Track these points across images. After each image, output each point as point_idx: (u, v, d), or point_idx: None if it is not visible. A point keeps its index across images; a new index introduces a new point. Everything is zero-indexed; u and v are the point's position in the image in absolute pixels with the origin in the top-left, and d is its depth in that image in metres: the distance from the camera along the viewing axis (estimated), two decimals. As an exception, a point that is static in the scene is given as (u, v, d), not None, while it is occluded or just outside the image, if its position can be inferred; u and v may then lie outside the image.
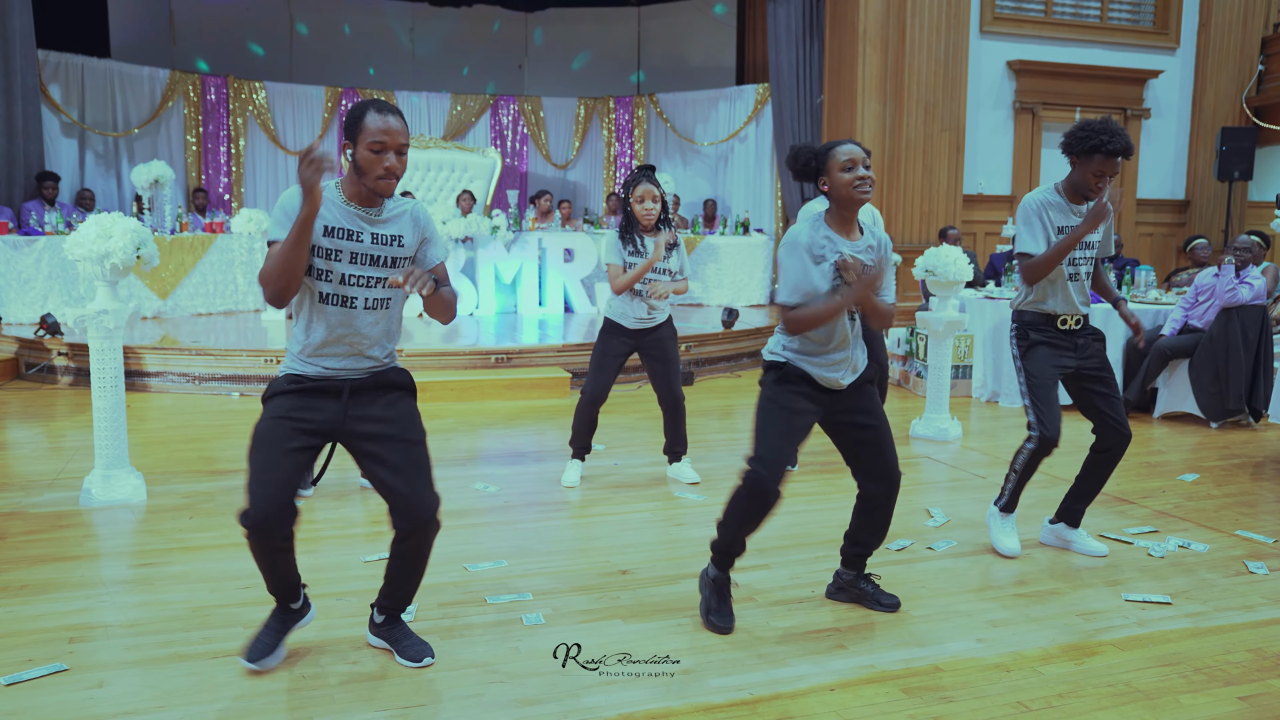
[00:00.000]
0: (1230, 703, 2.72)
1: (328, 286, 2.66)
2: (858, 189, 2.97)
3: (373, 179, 2.59)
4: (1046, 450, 3.75)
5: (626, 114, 14.23)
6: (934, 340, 6.15)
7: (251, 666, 2.78)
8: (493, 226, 10.03)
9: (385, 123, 2.57)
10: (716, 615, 3.16)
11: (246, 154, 12.93)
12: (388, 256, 2.69)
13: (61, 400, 6.99)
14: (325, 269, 2.64)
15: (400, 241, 2.71)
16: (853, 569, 3.37)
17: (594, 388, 4.70)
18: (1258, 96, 11.32)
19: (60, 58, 11.17)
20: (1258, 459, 5.63)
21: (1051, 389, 3.73)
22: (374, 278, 2.68)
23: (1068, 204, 3.69)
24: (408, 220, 2.73)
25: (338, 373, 2.70)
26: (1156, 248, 11.51)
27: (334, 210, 2.64)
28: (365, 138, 2.56)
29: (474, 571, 3.62)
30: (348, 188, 2.67)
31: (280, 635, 2.87)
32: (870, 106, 10.42)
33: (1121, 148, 3.50)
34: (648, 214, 4.61)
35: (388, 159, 2.58)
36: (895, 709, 2.67)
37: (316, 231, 2.61)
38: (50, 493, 4.64)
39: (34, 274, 8.65)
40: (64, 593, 3.40)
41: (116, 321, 4.41)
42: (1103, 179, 3.56)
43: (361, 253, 2.66)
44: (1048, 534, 4.07)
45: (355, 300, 2.67)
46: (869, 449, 3.16)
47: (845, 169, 2.98)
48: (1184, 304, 6.75)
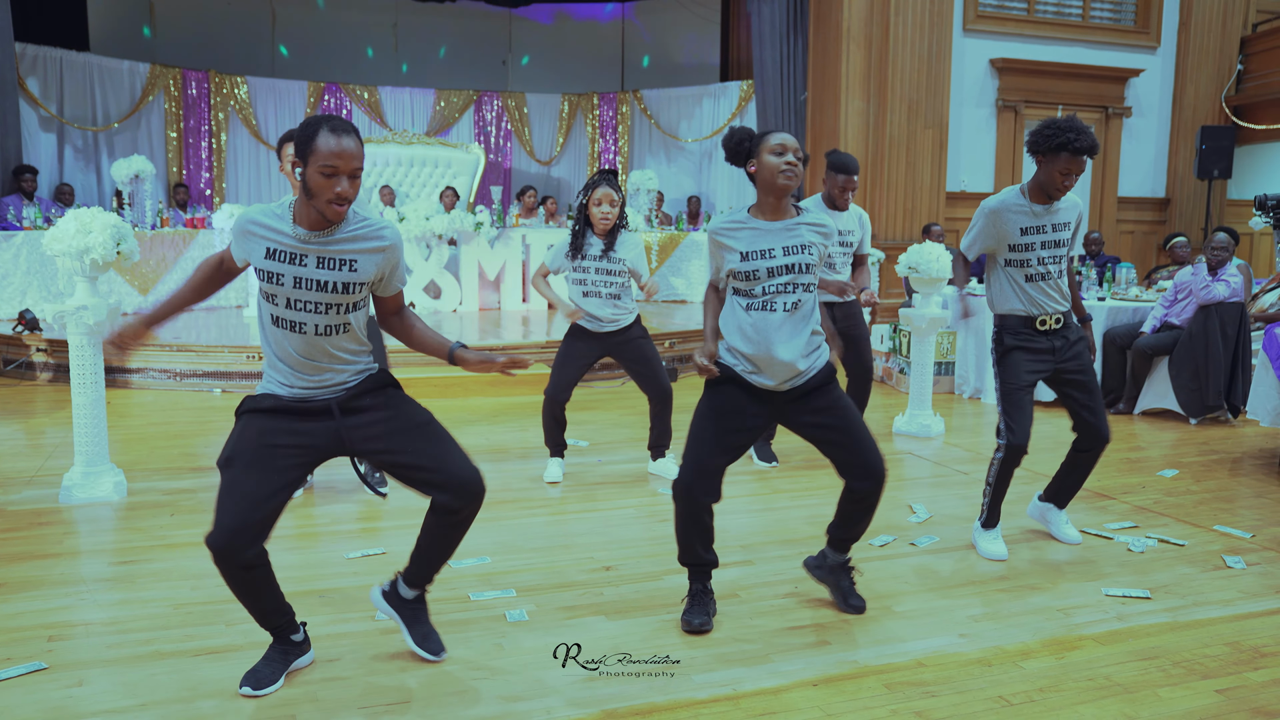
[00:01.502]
0: (1208, 695, 2.75)
1: (276, 310, 2.57)
2: (783, 174, 2.98)
3: (323, 203, 2.45)
4: (1015, 458, 3.75)
5: (610, 110, 14.21)
6: (917, 337, 6.18)
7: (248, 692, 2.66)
8: (476, 223, 10.00)
9: (339, 145, 2.42)
10: (686, 614, 3.14)
11: (228, 149, 12.85)
12: (335, 282, 2.54)
13: (40, 397, 6.93)
14: (270, 293, 2.55)
15: (353, 266, 2.56)
16: (841, 553, 3.32)
17: (553, 388, 4.72)
18: (1237, 96, 11.42)
19: (38, 50, 11.06)
20: (1236, 455, 5.69)
21: (1023, 396, 3.71)
22: (320, 303, 2.54)
23: (1030, 204, 3.67)
24: (369, 246, 2.58)
25: (316, 393, 2.61)
26: (1137, 245, 11.59)
27: (278, 233, 2.53)
28: (316, 160, 2.41)
29: (457, 568, 3.62)
30: (298, 208, 2.53)
31: (281, 667, 2.72)
32: (854, 104, 10.45)
33: (1087, 146, 3.49)
34: (604, 217, 4.61)
35: (339, 184, 2.43)
36: (877, 704, 2.68)
37: (258, 254, 2.54)
38: (29, 490, 4.60)
39: (12, 269, 8.57)
40: (43, 590, 3.38)
41: (96, 317, 4.37)
42: (1069, 177, 3.55)
43: (305, 278, 2.53)
44: (1034, 509, 4.13)
45: (304, 325, 2.56)
46: (837, 449, 3.10)
47: (775, 153, 2.99)
48: (1164, 302, 6.80)
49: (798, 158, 3.00)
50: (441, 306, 10.02)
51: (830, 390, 3.11)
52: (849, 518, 3.23)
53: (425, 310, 9.88)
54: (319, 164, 2.42)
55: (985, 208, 3.72)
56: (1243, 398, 6.31)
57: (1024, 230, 3.66)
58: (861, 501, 3.16)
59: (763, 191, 3.04)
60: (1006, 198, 3.71)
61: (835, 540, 3.32)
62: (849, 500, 3.20)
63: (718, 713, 2.62)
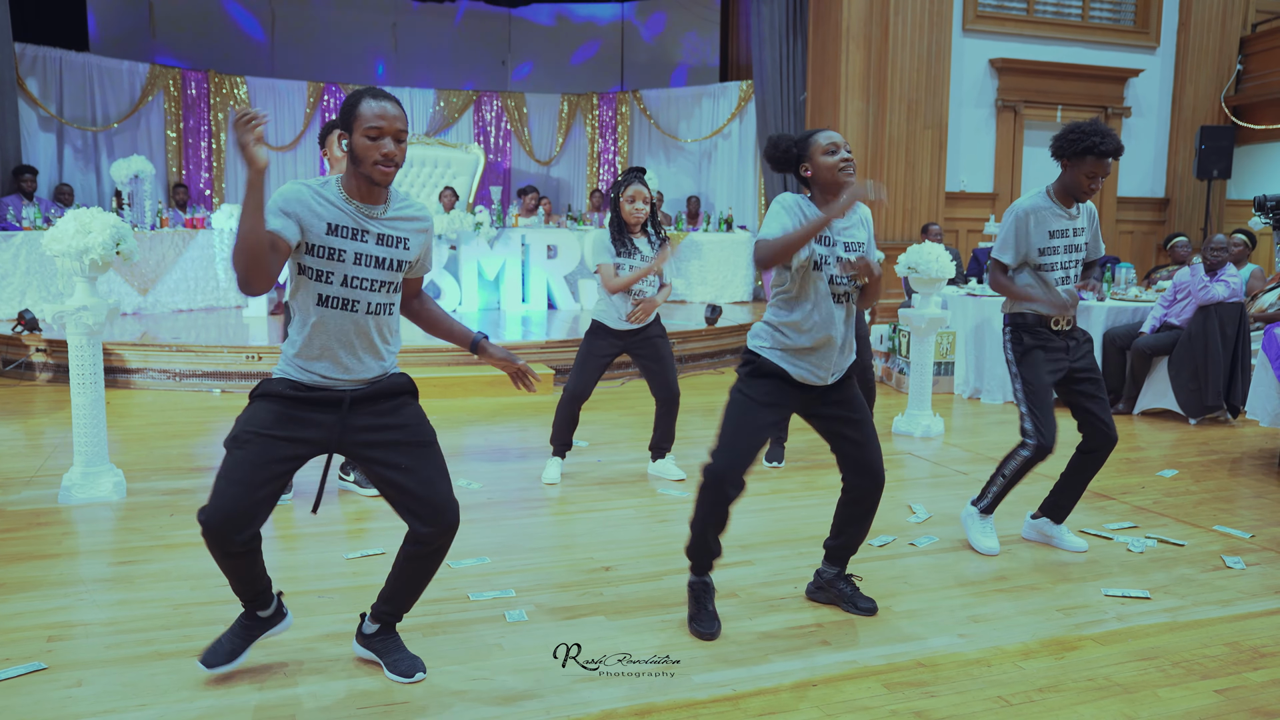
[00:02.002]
0: (1207, 696, 2.75)
1: (328, 289, 2.53)
2: (843, 171, 2.98)
3: (369, 165, 2.47)
4: (1041, 458, 3.75)
5: (610, 111, 14.21)
6: (916, 337, 6.18)
7: (204, 669, 2.69)
8: (476, 223, 10.00)
9: (381, 108, 2.47)
10: (696, 622, 3.12)
11: (228, 149, 12.83)
12: (393, 259, 2.58)
13: (40, 397, 6.92)
14: (327, 270, 2.52)
15: (405, 244, 2.61)
16: (835, 565, 3.34)
17: (575, 385, 4.71)
18: (1236, 96, 11.42)
19: (38, 51, 11.05)
20: (1235, 455, 5.69)
21: (1048, 396, 3.72)
22: (378, 280, 2.57)
23: (1060, 208, 3.69)
24: (416, 227, 2.64)
25: (336, 382, 2.58)
26: (1137, 245, 11.59)
27: (335, 208, 2.52)
28: (361, 123, 2.46)
29: (457, 568, 3.62)
30: (348, 184, 2.55)
31: (243, 642, 2.76)
32: (853, 104, 10.45)
33: (1113, 148, 3.52)
34: (637, 214, 4.64)
35: (385, 145, 2.46)
36: (877, 704, 2.68)
37: (319, 229, 2.50)
38: (29, 490, 4.60)
39: (11, 269, 8.57)
40: (42, 591, 3.38)
41: (96, 318, 4.36)
42: (1095, 180, 3.57)
43: (366, 253, 2.54)
44: (1029, 529, 4.09)
45: (358, 304, 2.55)
46: (850, 444, 3.14)
47: (829, 152, 3.00)
48: (1163, 302, 6.80)
49: (849, 151, 3.02)
50: (442, 306, 10.00)
51: (852, 384, 3.17)
52: (848, 521, 3.24)
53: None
54: (364, 127, 2.46)
55: (1018, 209, 3.71)
56: (1242, 398, 6.31)
57: (1052, 234, 3.68)
58: (861, 502, 3.18)
59: (823, 191, 3.04)
60: (1037, 200, 3.71)
61: (832, 552, 3.33)
62: (849, 502, 3.21)
63: (717, 713, 2.62)
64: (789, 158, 3.06)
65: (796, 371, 3.06)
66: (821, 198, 3.05)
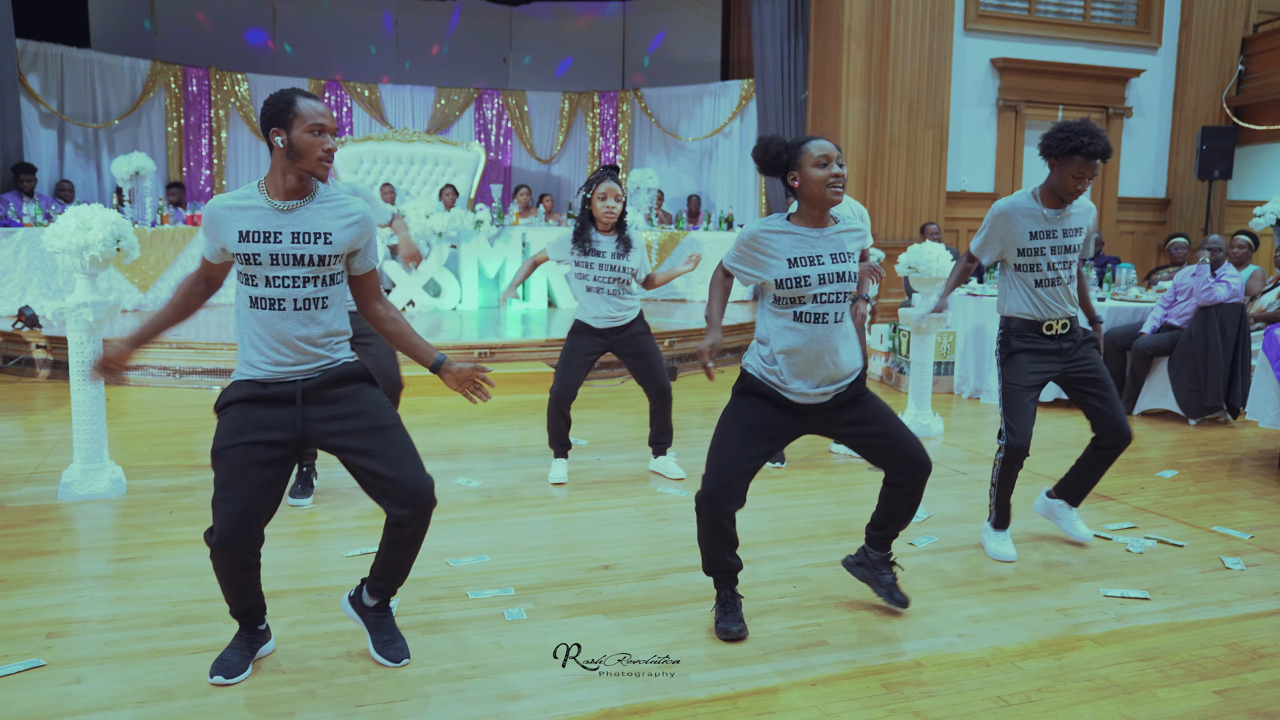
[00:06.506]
0: (1206, 697, 2.75)
1: (255, 290, 2.60)
2: (830, 188, 2.85)
3: (313, 160, 2.56)
4: (1017, 459, 3.73)
5: (611, 109, 14.20)
6: (916, 337, 6.18)
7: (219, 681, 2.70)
8: (476, 221, 10.00)
9: (320, 107, 2.58)
10: (722, 622, 3.08)
11: (228, 146, 12.84)
12: (311, 255, 2.59)
13: (40, 393, 6.92)
14: (250, 274, 2.59)
15: (327, 239, 2.60)
16: (880, 550, 3.26)
17: (560, 386, 4.71)
18: (1238, 96, 11.41)
19: (39, 47, 11.05)
20: (1235, 456, 5.69)
21: (1025, 397, 3.68)
22: (300, 277, 2.59)
23: (1043, 209, 3.64)
24: (343, 220, 2.63)
25: (286, 373, 2.62)
26: (1137, 245, 11.58)
27: (250, 213, 2.58)
28: (303, 121, 2.54)
29: (456, 566, 3.62)
30: (272, 182, 2.60)
31: (248, 655, 2.78)
32: (854, 103, 10.44)
33: (1101, 149, 3.46)
34: (609, 211, 4.61)
35: (327, 140, 2.56)
36: (876, 704, 2.68)
37: (231, 239, 2.58)
38: (28, 486, 4.60)
39: (12, 266, 8.57)
40: (41, 587, 3.38)
41: (96, 315, 4.37)
42: (1081, 181, 3.52)
43: (281, 253, 2.57)
44: (1042, 505, 4.09)
45: (283, 302, 2.60)
46: (883, 452, 3.03)
47: (819, 165, 2.85)
48: (1163, 302, 6.80)
49: (842, 166, 2.86)
50: (441, 305, 10.01)
51: (867, 398, 3.03)
52: (891, 513, 3.15)
53: (426, 308, 9.88)
54: (306, 124, 2.55)
55: (995, 209, 3.69)
56: (1242, 398, 6.31)
57: (1033, 234, 3.63)
58: (907, 496, 3.08)
59: (807, 204, 2.91)
60: (1017, 200, 3.68)
61: (874, 539, 3.25)
62: (893, 496, 3.11)
63: (716, 712, 2.62)
64: (778, 163, 2.91)
65: (787, 393, 2.96)
66: (807, 212, 2.93)
